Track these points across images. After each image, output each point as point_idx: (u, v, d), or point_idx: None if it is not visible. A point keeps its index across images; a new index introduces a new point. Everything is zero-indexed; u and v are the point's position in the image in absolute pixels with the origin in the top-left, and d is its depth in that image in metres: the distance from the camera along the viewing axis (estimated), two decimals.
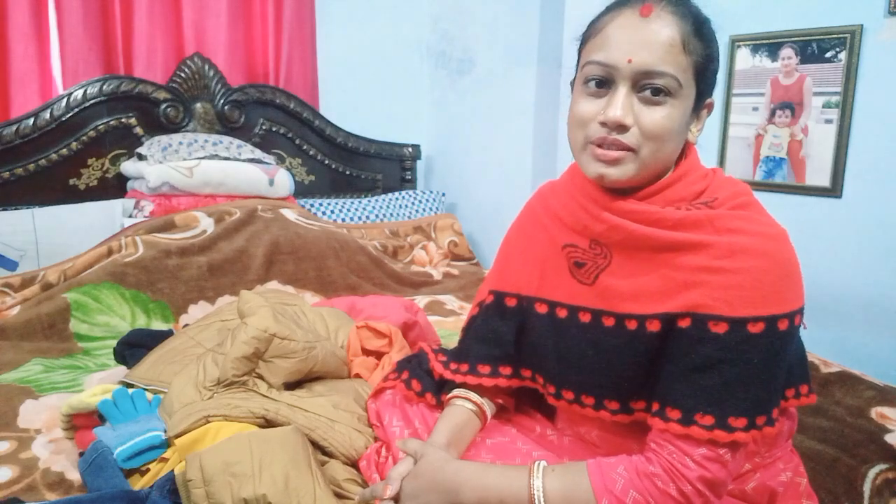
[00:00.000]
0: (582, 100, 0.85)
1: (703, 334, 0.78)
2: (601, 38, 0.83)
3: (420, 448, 0.92)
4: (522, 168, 2.71)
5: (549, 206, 0.99)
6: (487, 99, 2.87)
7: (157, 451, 1.07)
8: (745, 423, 0.77)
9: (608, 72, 0.81)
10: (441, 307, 2.09)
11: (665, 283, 0.82)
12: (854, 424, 1.25)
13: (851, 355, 1.76)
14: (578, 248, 0.91)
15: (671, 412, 0.79)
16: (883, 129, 1.78)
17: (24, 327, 1.67)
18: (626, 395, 0.86)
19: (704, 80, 0.84)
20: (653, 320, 0.82)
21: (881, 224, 1.81)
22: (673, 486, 0.76)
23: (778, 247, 0.80)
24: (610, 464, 0.81)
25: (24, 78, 2.20)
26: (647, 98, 0.81)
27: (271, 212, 2.19)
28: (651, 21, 0.79)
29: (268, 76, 2.67)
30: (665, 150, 0.83)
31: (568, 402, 0.91)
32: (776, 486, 0.92)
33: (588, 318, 0.89)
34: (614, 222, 0.86)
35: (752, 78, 2.04)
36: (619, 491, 0.78)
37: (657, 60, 0.79)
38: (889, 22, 1.75)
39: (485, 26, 2.83)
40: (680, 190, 0.86)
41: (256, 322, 1.18)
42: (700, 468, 0.77)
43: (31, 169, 2.16)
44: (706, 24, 0.84)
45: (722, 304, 0.78)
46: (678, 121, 0.82)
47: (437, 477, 0.87)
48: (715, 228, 0.81)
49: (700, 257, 0.80)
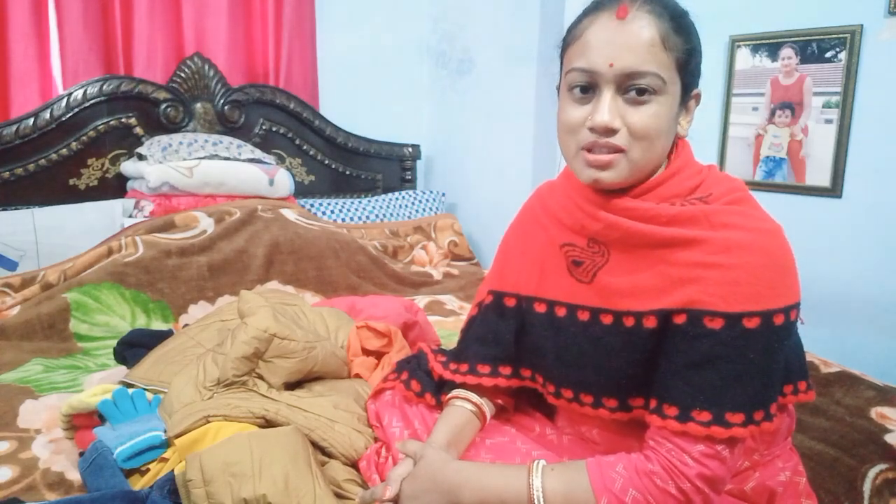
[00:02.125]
0: (569, 107, 0.85)
1: (699, 330, 0.78)
2: (581, 44, 0.83)
3: (419, 449, 0.92)
4: (522, 168, 2.71)
5: (547, 206, 0.99)
6: (487, 99, 2.87)
7: (157, 451, 1.07)
8: (743, 418, 0.77)
9: (591, 77, 0.82)
10: (441, 307, 2.09)
11: (661, 279, 0.83)
12: (854, 424, 1.25)
13: (851, 355, 1.76)
14: (576, 247, 0.92)
15: (668, 409, 0.79)
16: (883, 129, 1.78)
17: (24, 327, 1.67)
18: (625, 393, 0.86)
19: (688, 73, 0.84)
20: (649, 317, 0.83)
21: (881, 224, 1.81)
22: (672, 484, 0.76)
23: (773, 242, 0.80)
24: (609, 462, 0.81)
25: (24, 78, 2.20)
26: (632, 99, 0.81)
27: (271, 212, 2.19)
28: (628, 23, 0.80)
29: (268, 76, 2.67)
30: (655, 148, 0.83)
31: (567, 400, 0.91)
32: (775, 485, 0.92)
33: (587, 317, 0.89)
34: (610, 220, 0.86)
35: (752, 78, 2.04)
36: (619, 490, 0.78)
37: (639, 61, 0.79)
38: (889, 22, 1.75)
39: (485, 26, 2.83)
40: (674, 186, 0.86)
41: (256, 322, 1.18)
42: (699, 465, 0.77)
43: (31, 169, 2.16)
44: (684, 18, 0.84)
45: (717, 300, 0.78)
46: (666, 117, 0.82)
47: (437, 477, 0.87)
48: (710, 224, 0.81)
49: (695, 253, 0.80)
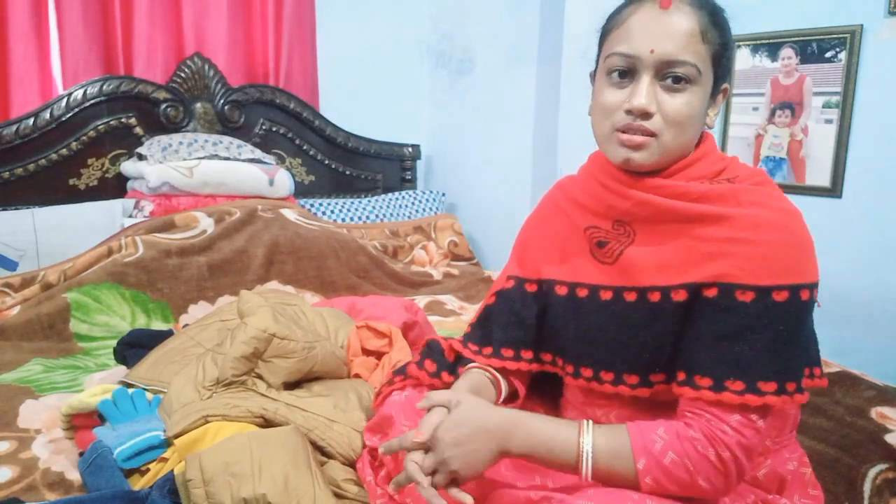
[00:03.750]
0: (606, 90, 0.88)
1: (730, 303, 0.81)
2: (623, 30, 0.86)
3: (454, 396, 0.87)
4: (522, 168, 2.71)
5: (568, 194, 1.01)
6: (487, 99, 2.87)
7: (156, 451, 1.07)
8: (776, 387, 0.79)
9: (631, 62, 0.85)
10: (441, 307, 2.09)
11: (690, 253, 0.85)
12: (854, 424, 1.25)
13: (851, 355, 1.75)
14: (601, 230, 0.94)
15: (701, 380, 0.81)
16: (883, 129, 1.78)
17: (24, 327, 1.67)
18: (647, 368, 0.88)
19: (721, 67, 0.88)
20: (679, 290, 0.85)
21: (881, 224, 1.81)
22: (712, 451, 0.78)
23: (797, 223, 0.84)
24: (650, 426, 0.82)
25: (24, 78, 2.20)
26: (668, 86, 0.84)
27: (271, 212, 2.19)
28: (671, 13, 0.84)
29: (268, 76, 2.67)
30: (686, 135, 0.87)
31: (586, 379, 0.92)
32: (785, 473, 0.93)
33: (609, 296, 0.91)
34: (641, 198, 0.88)
35: (752, 78, 2.04)
36: (658, 452, 0.79)
37: (678, 50, 0.83)
38: (889, 22, 1.75)
39: (485, 26, 2.83)
40: (701, 168, 0.89)
41: (256, 322, 1.18)
42: (737, 434, 0.78)
43: (31, 169, 2.16)
44: (721, 14, 0.89)
45: (747, 274, 0.80)
46: (698, 107, 0.86)
47: (487, 423, 0.83)
48: (738, 201, 0.84)
49: (724, 229, 0.83)
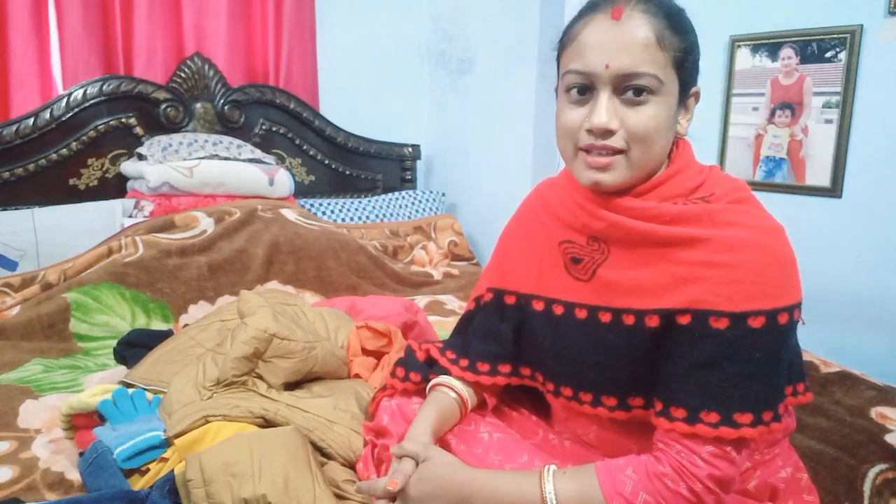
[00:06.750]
0: (566, 109, 0.85)
1: (704, 330, 0.78)
2: (577, 46, 0.83)
3: (422, 450, 0.89)
4: (522, 168, 2.71)
5: (547, 203, 0.99)
6: (487, 99, 2.86)
7: (156, 451, 1.07)
8: (751, 418, 0.76)
9: (588, 79, 0.82)
10: (441, 307, 2.09)
11: (664, 277, 0.82)
12: (854, 424, 1.25)
13: (851, 355, 1.75)
14: (575, 244, 0.91)
15: (676, 411, 0.79)
16: (883, 129, 1.78)
17: (24, 327, 1.67)
18: (624, 391, 0.86)
19: (686, 72, 0.84)
20: (652, 315, 0.82)
21: (881, 224, 1.80)
22: (683, 485, 0.76)
23: (776, 241, 0.80)
24: (618, 466, 0.80)
25: (24, 78, 2.20)
26: (629, 99, 0.81)
27: (271, 212, 2.19)
28: (623, 23, 0.79)
29: (268, 76, 2.67)
30: (655, 149, 0.83)
31: (566, 398, 0.91)
32: (777, 482, 0.92)
33: (584, 315, 0.89)
34: (612, 220, 0.86)
35: (752, 78, 2.04)
36: (630, 493, 0.77)
37: (635, 62, 0.79)
38: (889, 22, 1.74)
39: (485, 26, 2.82)
40: (676, 186, 0.86)
41: (256, 322, 1.18)
42: (709, 466, 0.76)
43: (31, 169, 2.15)
44: (680, 16, 0.83)
45: (722, 299, 0.77)
46: (664, 117, 0.82)
47: (448, 485, 0.84)
48: (713, 222, 0.81)
49: (699, 252, 0.80)
